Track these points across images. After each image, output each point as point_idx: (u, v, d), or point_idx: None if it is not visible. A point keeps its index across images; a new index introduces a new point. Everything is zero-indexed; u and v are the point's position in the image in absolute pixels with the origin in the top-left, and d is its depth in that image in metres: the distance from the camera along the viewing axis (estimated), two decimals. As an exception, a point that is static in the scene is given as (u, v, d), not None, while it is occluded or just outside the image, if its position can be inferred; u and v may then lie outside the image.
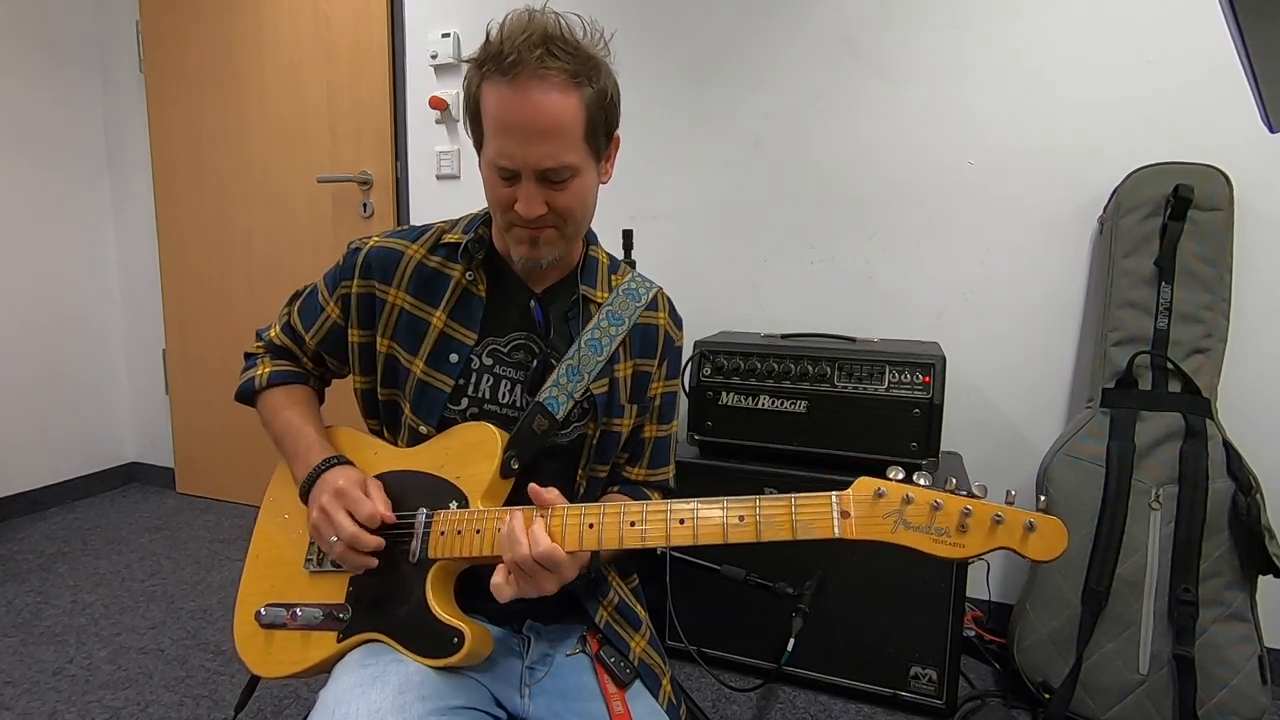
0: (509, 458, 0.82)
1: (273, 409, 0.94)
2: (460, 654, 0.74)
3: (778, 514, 0.67)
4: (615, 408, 0.90)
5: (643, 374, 0.94)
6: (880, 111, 1.76)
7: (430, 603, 0.77)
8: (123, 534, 2.33)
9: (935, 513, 0.62)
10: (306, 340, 0.96)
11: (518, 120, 0.75)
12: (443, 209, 2.25)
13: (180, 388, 2.66)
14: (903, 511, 0.63)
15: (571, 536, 0.73)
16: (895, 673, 1.44)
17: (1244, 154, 1.46)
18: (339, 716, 0.68)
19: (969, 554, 0.62)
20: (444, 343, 0.87)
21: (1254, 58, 0.47)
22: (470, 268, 0.88)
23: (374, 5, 2.18)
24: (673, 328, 0.98)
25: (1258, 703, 1.33)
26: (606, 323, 0.90)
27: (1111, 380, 1.48)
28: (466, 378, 0.88)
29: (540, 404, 0.85)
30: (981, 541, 0.61)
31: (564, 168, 0.78)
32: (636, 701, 0.82)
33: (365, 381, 0.93)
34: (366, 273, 0.90)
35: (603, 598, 0.91)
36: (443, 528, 0.79)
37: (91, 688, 1.51)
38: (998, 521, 0.61)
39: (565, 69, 0.75)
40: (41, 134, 2.46)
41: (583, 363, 0.87)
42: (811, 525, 0.66)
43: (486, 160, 0.81)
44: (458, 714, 0.73)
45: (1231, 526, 1.36)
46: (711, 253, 1.95)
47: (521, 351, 0.89)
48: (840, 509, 0.65)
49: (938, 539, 0.62)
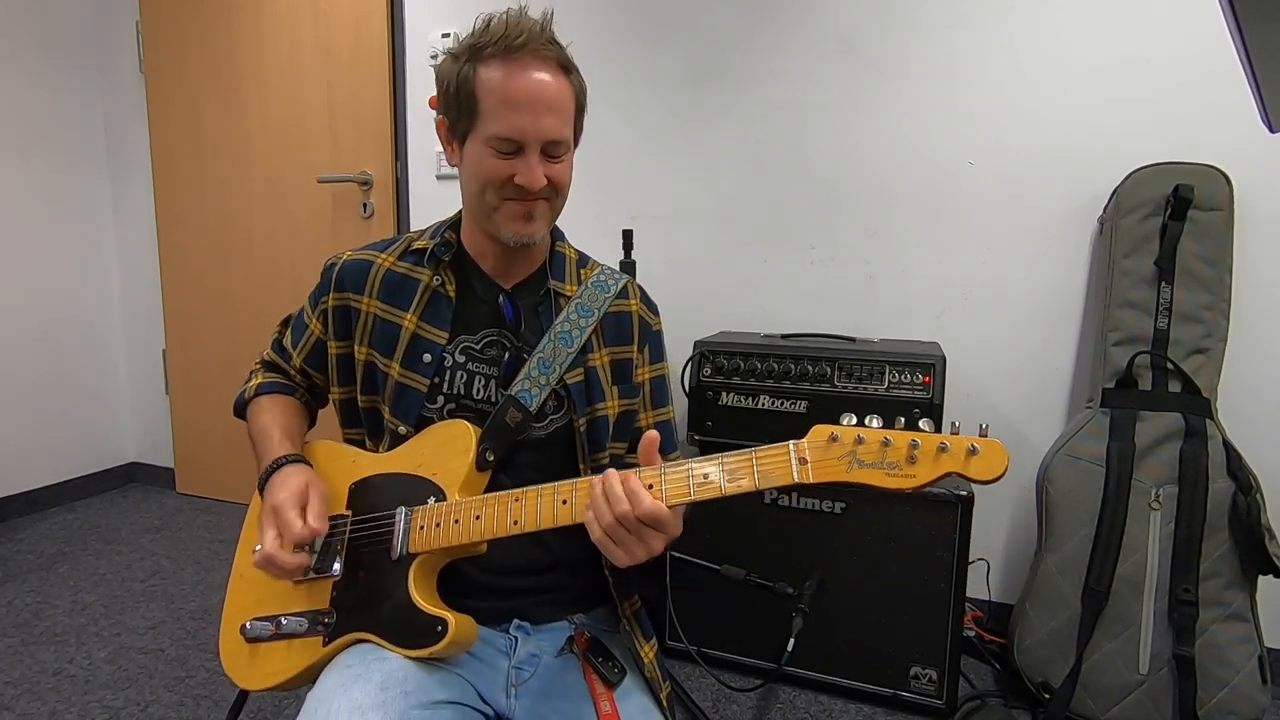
0: (483, 450, 0.84)
1: (252, 417, 0.97)
2: (445, 641, 0.75)
3: (740, 467, 0.69)
4: (596, 393, 0.92)
5: (622, 360, 0.95)
6: (881, 111, 1.76)
7: (414, 595, 0.78)
8: (123, 534, 2.33)
9: (885, 449, 0.65)
10: (294, 358, 1.00)
11: (526, 94, 0.80)
12: (443, 209, 2.24)
13: (180, 388, 2.66)
14: (856, 451, 0.66)
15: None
16: (895, 673, 1.44)
17: (1244, 154, 1.46)
18: (321, 715, 0.68)
19: (919, 483, 0.64)
20: (416, 344, 0.90)
21: (1254, 58, 0.47)
22: (438, 271, 0.92)
23: (374, 5, 2.18)
24: (647, 313, 1.00)
25: (1258, 703, 1.33)
26: (576, 315, 0.92)
27: (1111, 380, 1.48)
28: (441, 376, 0.89)
29: (513, 397, 0.87)
30: (929, 469, 0.64)
31: (563, 141, 0.84)
32: (625, 700, 0.82)
33: (344, 392, 0.96)
34: (340, 286, 0.93)
35: (626, 600, 0.92)
36: (422, 522, 0.80)
37: (91, 688, 1.51)
38: (943, 450, 0.63)
39: (559, 56, 0.84)
40: (41, 134, 2.46)
41: (554, 355, 0.89)
42: (772, 474, 0.68)
43: (483, 138, 0.83)
44: (441, 708, 0.73)
45: (1231, 526, 1.36)
46: (711, 253, 1.95)
47: (494, 348, 0.91)
48: (798, 456, 0.67)
49: (890, 473, 0.64)
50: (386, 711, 0.68)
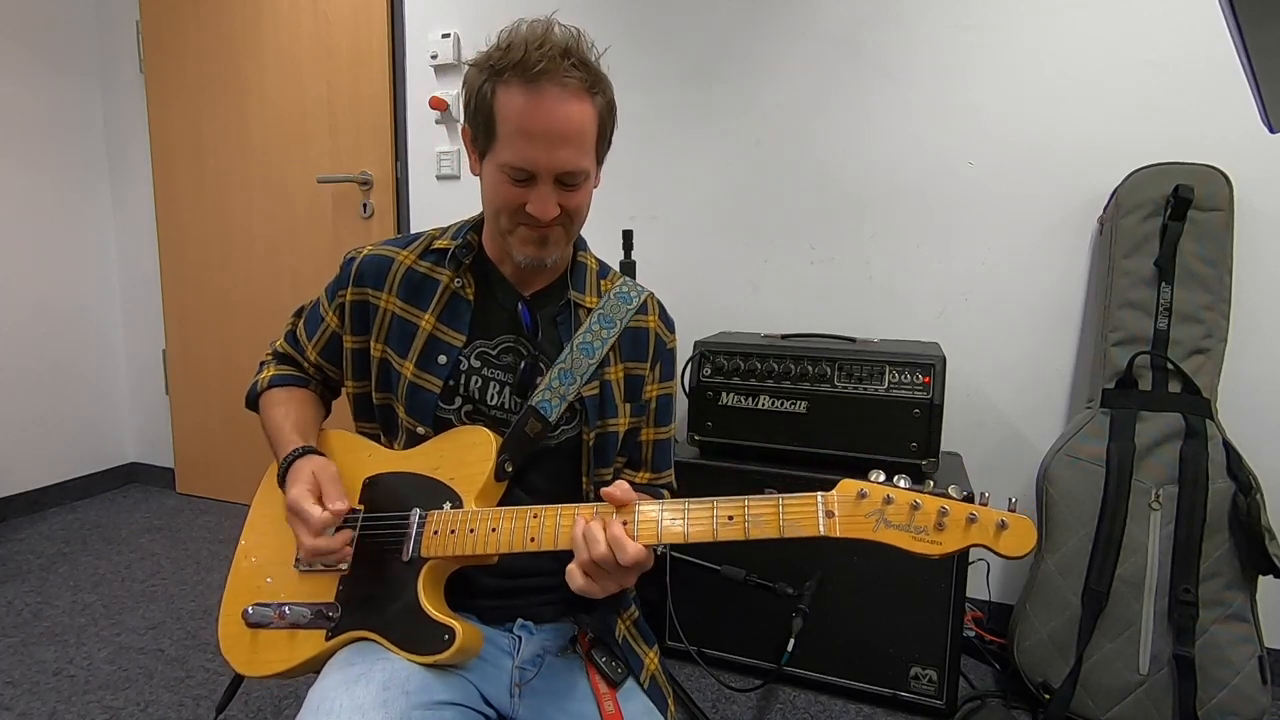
0: (503, 461, 0.83)
1: (266, 409, 0.97)
2: (451, 650, 0.74)
3: (765, 513, 0.69)
4: (609, 408, 0.92)
5: (635, 377, 0.95)
6: (881, 111, 1.76)
7: (422, 601, 0.77)
8: (123, 534, 2.33)
9: (914, 512, 0.65)
10: (308, 350, 0.99)
11: (542, 126, 0.78)
12: (443, 209, 2.26)
13: (180, 388, 2.66)
14: (884, 511, 0.66)
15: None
16: (895, 673, 1.44)
17: (1244, 154, 1.46)
18: (323, 713, 0.68)
19: (945, 551, 0.64)
20: (432, 345, 0.89)
21: (1254, 58, 0.47)
22: (458, 273, 0.91)
23: (374, 5, 2.18)
24: (664, 330, 1.00)
25: (1258, 703, 1.33)
26: (599, 326, 0.92)
27: (1111, 380, 1.48)
28: (456, 379, 0.89)
29: (533, 407, 0.86)
30: (958, 539, 0.64)
31: (580, 171, 0.82)
32: (628, 701, 0.82)
33: (359, 386, 0.95)
34: (360, 280, 0.92)
35: (623, 610, 0.93)
36: (436, 527, 0.80)
37: (91, 688, 1.51)
38: (972, 520, 0.64)
39: (584, 79, 0.80)
40: (41, 135, 2.46)
41: (575, 366, 0.89)
42: (799, 524, 0.68)
43: (497, 163, 0.82)
44: (443, 709, 0.73)
45: (1231, 527, 1.35)
46: (711, 253, 1.95)
47: (510, 354, 0.91)
48: (825, 509, 0.67)
49: (917, 536, 0.65)
50: (388, 711, 0.68)
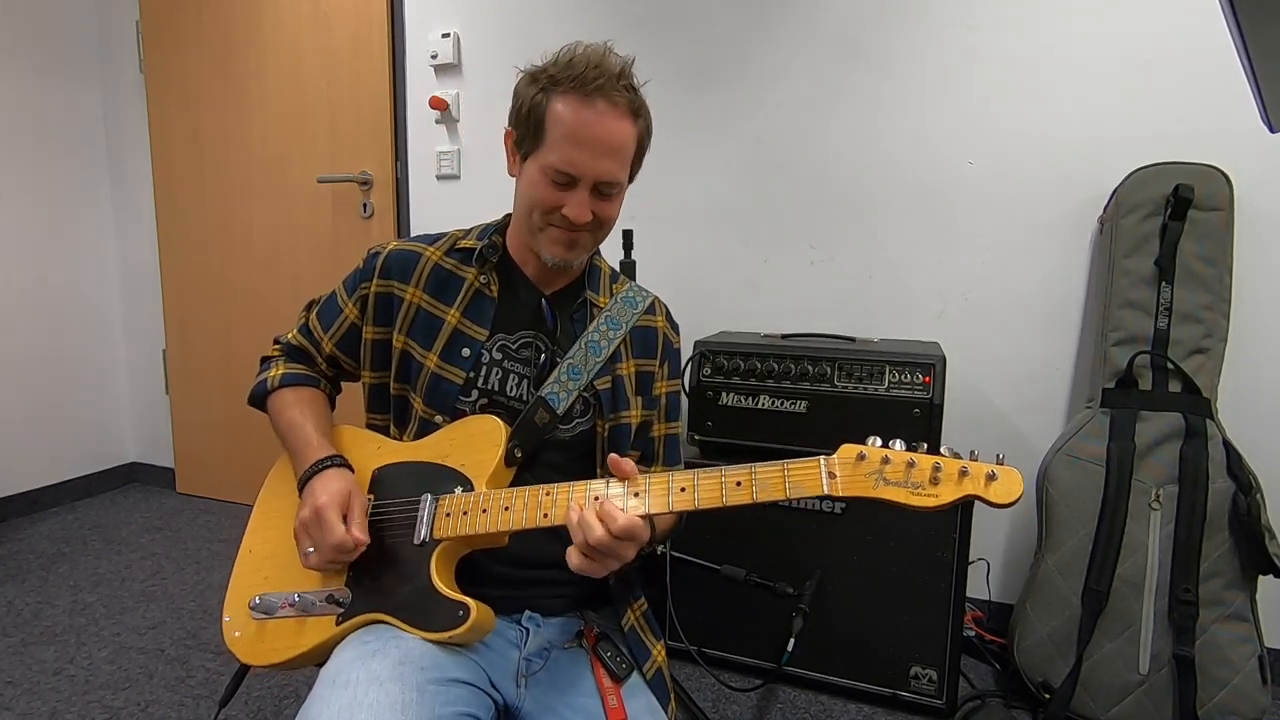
0: (512, 447, 0.87)
1: (279, 408, 0.98)
2: (466, 625, 0.76)
3: (772, 477, 0.73)
4: (621, 401, 0.96)
5: (645, 373, 1.01)
6: (880, 111, 1.76)
7: (435, 580, 0.79)
8: (123, 534, 2.33)
9: (910, 469, 0.69)
10: (324, 342, 1.00)
11: (591, 136, 0.85)
12: (442, 209, 2.26)
13: (180, 388, 2.66)
14: (882, 470, 0.70)
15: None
16: (895, 673, 1.44)
17: (1244, 154, 1.46)
18: (339, 685, 0.69)
19: (942, 503, 0.68)
20: (456, 338, 0.93)
21: (1254, 58, 0.47)
22: (484, 271, 0.96)
23: (374, 5, 2.18)
24: (670, 331, 1.06)
25: (1258, 703, 1.33)
26: (605, 326, 0.97)
27: (1112, 380, 1.48)
28: (477, 371, 0.93)
29: (542, 398, 0.91)
30: (952, 490, 0.68)
31: (616, 182, 0.89)
32: (633, 697, 0.83)
33: (377, 377, 0.98)
34: (386, 273, 0.96)
35: (634, 600, 0.96)
36: (449, 509, 0.82)
37: (91, 688, 1.51)
38: (964, 474, 0.68)
39: (632, 102, 0.88)
40: (42, 134, 2.46)
41: (583, 362, 0.94)
42: (803, 485, 0.72)
43: (541, 165, 0.87)
44: (455, 686, 0.75)
45: (1231, 526, 1.36)
46: (712, 253, 1.95)
47: (529, 349, 0.95)
48: (828, 470, 0.72)
49: (914, 491, 0.69)
50: (404, 683, 0.69)
